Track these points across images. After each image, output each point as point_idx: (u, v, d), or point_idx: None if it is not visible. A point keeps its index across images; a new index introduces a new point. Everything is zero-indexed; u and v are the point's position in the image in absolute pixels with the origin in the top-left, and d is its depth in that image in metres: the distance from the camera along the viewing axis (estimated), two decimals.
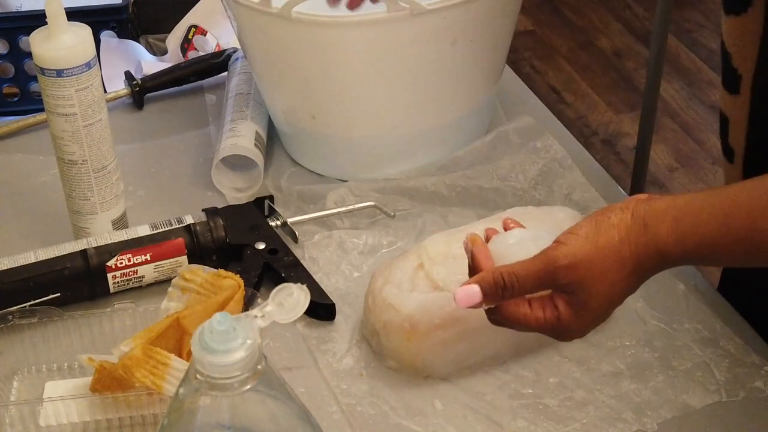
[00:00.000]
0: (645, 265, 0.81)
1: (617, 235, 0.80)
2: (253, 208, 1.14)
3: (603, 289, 0.81)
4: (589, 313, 0.82)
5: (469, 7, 1.10)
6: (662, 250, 0.80)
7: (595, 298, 0.81)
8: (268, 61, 1.18)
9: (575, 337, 0.85)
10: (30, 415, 0.91)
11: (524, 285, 0.82)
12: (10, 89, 1.46)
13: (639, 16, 3.37)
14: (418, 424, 0.94)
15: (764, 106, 0.98)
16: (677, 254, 0.80)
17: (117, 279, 1.05)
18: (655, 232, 0.80)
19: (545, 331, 0.84)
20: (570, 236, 0.81)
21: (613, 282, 0.81)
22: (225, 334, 0.68)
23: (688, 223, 0.79)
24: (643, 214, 0.81)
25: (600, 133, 2.91)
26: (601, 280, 0.81)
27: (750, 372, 0.98)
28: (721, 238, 0.79)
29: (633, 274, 0.81)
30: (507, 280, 0.82)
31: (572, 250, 0.80)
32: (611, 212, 0.82)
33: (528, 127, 1.25)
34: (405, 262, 0.99)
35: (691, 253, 0.80)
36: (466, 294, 0.83)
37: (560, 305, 0.82)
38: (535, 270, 0.82)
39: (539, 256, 0.82)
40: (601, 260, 0.80)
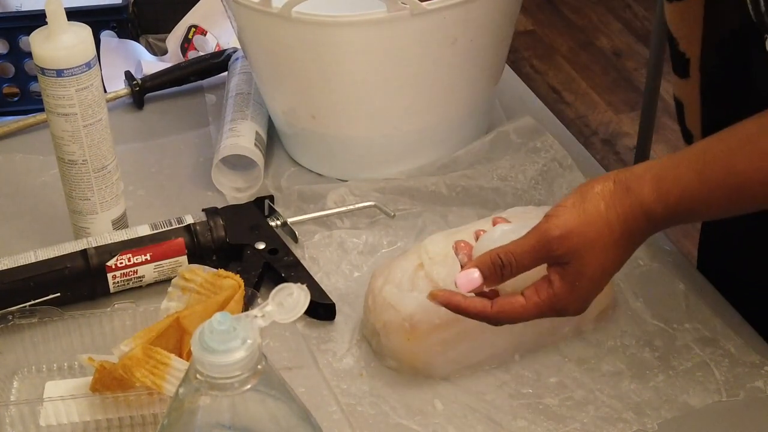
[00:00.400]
0: (633, 229, 0.82)
1: (603, 202, 0.82)
2: (253, 208, 1.14)
3: (596, 257, 0.82)
4: (584, 283, 0.83)
5: (469, 7, 1.10)
6: (647, 210, 0.81)
7: (588, 266, 0.82)
8: (268, 61, 1.18)
9: (576, 312, 0.86)
10: (30, 415, 0.91)
11: (521, 261, 0.83)
12: (10, 89, 1.46)
13: (639, 16, 3.36)
14: (418, 424, 0.94)
15: (714, 87, 0.99)
16: (662, 211, 0.81)
17: (117, 279, 1.05)
18: (638, 194, 0.81)
19: (545, 312, 0.84)
20: (558, 209, 0.83)
21: (605, 248, 0.82)
22: (225, 334, 0.68)
23: (668, 179, 0.81)
24: (625, 180, 0.82)
25: (600, 133, 2.91)
26: (594, 247, 0.82)
27: (750, 372, 0.98)
28: (701, 188, 0.80)
29: (622, 238, 0.82)
30: (504, 259, 0.83)
31: (562, 221, 0.82)
32: (595, 183, 0.83)
33: (528, 127, 1.25)
34: (405, 262, 0.99)
35: (675, 209, 0.81)
36: (466, 278, 0.84)
37: (555, 281, 0.83)
38: (530, 245, 0.83)
39: (532, 231, 0.83)
40: (591, 227, 0.82)
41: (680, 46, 0.99)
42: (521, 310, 0.84)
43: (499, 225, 0.90)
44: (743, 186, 0.80)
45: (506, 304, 0.84)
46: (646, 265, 1.09)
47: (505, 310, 0.84)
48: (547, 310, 0.84)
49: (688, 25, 0.98)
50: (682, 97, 1.03)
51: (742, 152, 0.79)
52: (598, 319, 1.02)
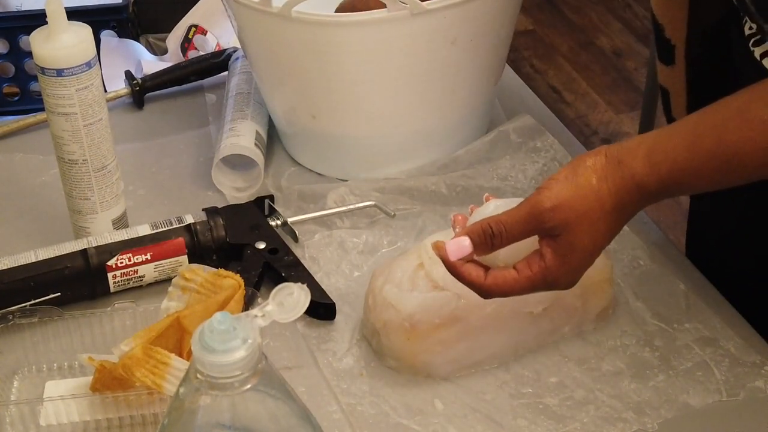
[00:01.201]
0: (624, 201, 0.83)
1: (594, 176, 0.82)
2: (254, 208, 1.14)
3: (587, 228, 0.82)
4: (576, 255, 0.83)
5: (469, 7, 1.10)
6: (639, 183, 0.82)
7: (579, 238, 0.83)
8: (268, 61, 1.18)
9: (567, 285, 0.86)
10: (30, 415, 0.91)
11: (512, 231, 0.84)
12: (11, 89, 1.46)
13: (639, 16, 3.37)
14: (418, 424, 0.94)
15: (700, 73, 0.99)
16: (653, 184, 0.82)
17: (117, 278, 1.05)
18: (630, 167, 0.82)
19: (537, 286, 0.85)
20: (550, 181, 0.83)
21: (596, 220, 0.82)
22: (225, 333, 0.68)
23: (659, 150, 0.82)
24: (617, 153, 0.83)
25: (600, 133, 2.91)
26: (585, 220, 0.82)
27: (750, 372, 0.98)
28: (692, 159, 0.81)
29: (614, 211, 0.83)
30: (495, 228, 0.84)
31: (554, 193, 0.82)
32: (587, 157, 0.84)
33: (528, 127, 1.25)
34: (405, 262, 0.99)
35: (667, 180, 0.81)
36: (457, 246, 0.84)
37: (547, 254, 0.83)
38: (521, 216, 0.83)
39: (524, 203, 0.84)
40: (582, 200, 0.82)
41: (666, 32, 0.99)
42: (513, 283, 0.85)
43: (492, 200, 0.91)
44: (734, 157, 0.80)
45: (499, 276, 0.85)
46: (646, 265, 1.09)
47: (498, 282, 0.85)
48: (540, 283, 0.85)
49: (673, 10, 0.98)
50: (667, 85, 1.03)
51: (732, 123, 0.80)
52: (598, 319, 1.02)
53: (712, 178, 0.83)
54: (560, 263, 0.84)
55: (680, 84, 1.01)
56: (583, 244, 0.83)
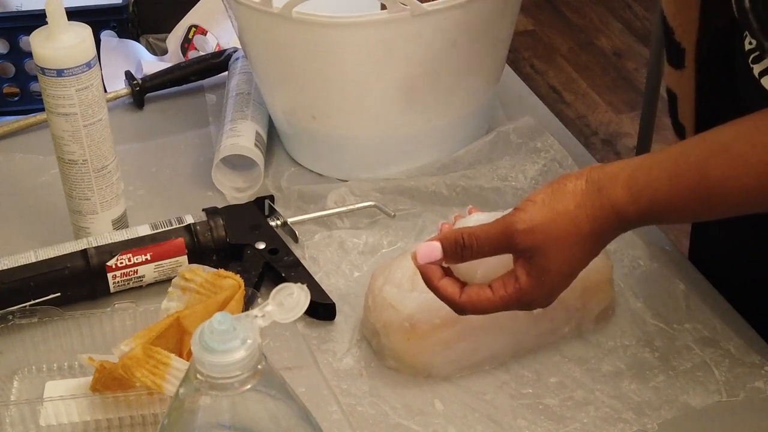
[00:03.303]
0: (603, 228, 0.82)
1: (573, 201, 0.82)
2: (254, 208, 1.14)
3: (561, 254, 0.82)
4: (550, 278, 0.83)
5: (469, 8, 1.10)
6: (618, 211, 0.81)
7: (553, 262, 0.82)
8: (268, 61, 1.18)
9: (540, 306, 0.86)
10: (30, 415, 0.91)
11: (483, 246, 0.83)
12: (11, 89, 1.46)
13: (639, 16, 3.37)
14: (418, 424, 0.94)
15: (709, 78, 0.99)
16: (633, 213, 0.81)
17: (117, 279, 1.06)
18: (610, 194, 0.81)
19: (511, 305, 0.85)
20: (528, 203, 0.83)
21: (571, 245, 0.82)
22: (225, 333, 0.68)
23: (640, 181, 0.81)
24: (597, 179, 0.82)
25: (600, 133, 2.91)
26: (559, 245, 0.82)
27: (750, 372, 0.98)
28: (674, 192, 0.80)
29: (591, 237, 0.82)
30: (467, 240, 0.84)
31: (529, 216, 0.82)
32: (567, 180, 0.83)
33: (528, 127, 1.25)
34: (405, 262, 0.99)
35: (646, 211, 0.81)
36: (427, 250, 0.85)
37: (521, 276, 0.83)
38: (494, 233, 0.83)
39: (499, 220, 0.84)
40: (558, 225, 0.82)
41: (676, 35, 0.98)
42: (487, 302, 0.85)
43: (475, 213, 0.91)
44: (714, 193, 0.79)
45: (474, 294, 0.85)
46: (646, 265, 1.09)
47: (472, 300, 0.85)
48: (514, 303, 0.85)
49: (684, 13, 0.97)
50: (675, 89, 1.03)
51: (715, 159, 0.79)
52: (598, 319, 1.02)
53: (692, 211, 0.83)
54: (534, 285, 0.83)
55: (689, 88, 1.00)
56: (558, 267, 0.83)
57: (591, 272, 0.99)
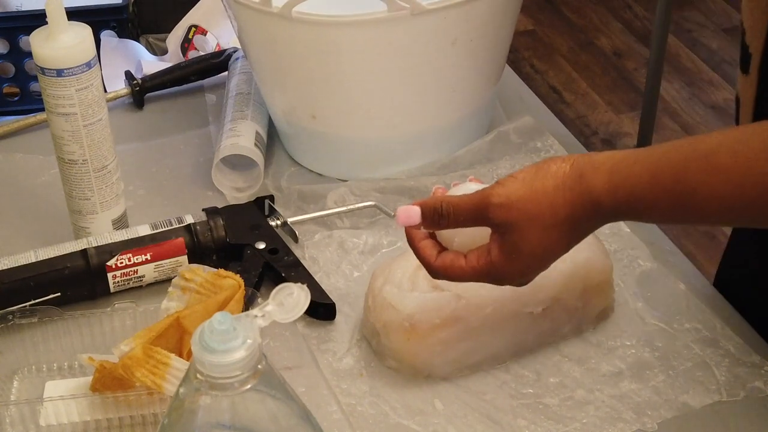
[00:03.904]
0: (578, 215, 0.82)
1: (552, 183, 0.81)
2: (254, 208, 1.14)
3: (534, 233, 0.82)
4: (522, 258, 0.83)
5: (469, 7, 1.10)
6: (595, 200, 0.81)
7: (526, 241, 0.82)
8: (268, 61, 1.18)
9: (513, 283, 0.86)
10: (30, 415, 0.91)
11: (458, 216, 0.84)
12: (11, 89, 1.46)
13: (639, 16, 3.36)
14: (418, 424, 0.94)
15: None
16: (609, 205, 0.81)
17: (117, 279, 1.05)
18: (590, 182, 0.81)
19: (482, 278, 0.84)
20: (508, 179, 0.83)
21: (545, 227, 0.82)
22: (225, 333, 0.68)
23: (621, 174, 0.81)
24: (581, 165, 0.82)
25: (600, 133, 2.91)
26: (533, 225, 0.81)
27: (750, 372, 0.98)
28: (650, 189, 0.80)
29: (567, 222, 0.82)
30: (444, 209, 0.84)
31: (506, 191, 0.82)
32: (552, 162, 0.83)
33: (528, 127, 1.25)
34: (405, 262, 0.99)
35: (623, 205, 0.81)
36: (406, 213, 0.85)
37: (493, 249, 0.83)
38: (471, 203, 0.84)
39: (477, 192, 0.84)
40: (534, 204, 0.81)
41: (746, 38, 0.97)
42: (459, 271, 0.85)
43: (473, 183, 0.91)
44: (690, 198, 0.79)
45: (448, 260, 0.85)
46: (646, 265, 1.09)
47: (446, 265, 0.85)
48: (485, 276, 0.84)
49: (754, 17, 0.95)
50: (740, 94, 1.00)
51: (694, 165, 0.79)
52: (598, 320, 1.02)
53: (667, 213, 0.82)
54: (505, 261, 0.83)
55: (750, 95, 0.98)
56: (531, 247, 0.82)
57: (591, 272, 0.99)
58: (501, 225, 0.82)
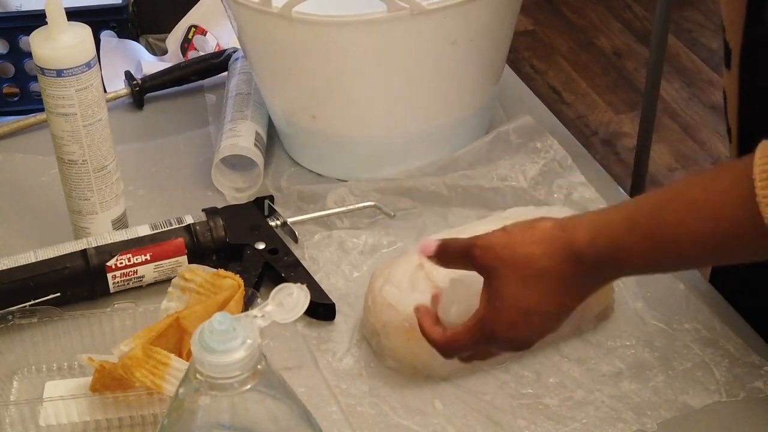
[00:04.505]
0: (560, 267, 0.83)
1: (532, 236, 0.84)
2: (253, 208, 1.14)
3: (513, 281, 0.83)
4: (505, 306, 0.84)
5: (469, 7, 1.10)
6: (577, 252, 0.82)
7: (506, 288, 0.84)
8: (268, 61, 1.18)
9: (506, 343, 0.87)
10: (30, 415, 0.91)
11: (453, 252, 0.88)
12: (10, 89, 1.46)
13: (639, 16, 3.36)
14: (418, 424, 0.94)
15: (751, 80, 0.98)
16: (590, 254, 0.82)
17: (117, 279, 1.05)
18: (571, 234, 0.83)
19: (475, 335, 0.87)
20: (499, 228, 0.87)
21: (523, 277, 0.83)
22: (225, 333, 0.68)
23: (600, 222, 0.83)
24: (564, 221, 0.84)
25: (600, 133, 2.91)
26: (510, 272, 0.84)
27: (750, 372, 0.98)
28: (629, 234, 0.81)
29: (548, 275, 0.83)
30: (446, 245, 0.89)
31: (491, 237, 0.86)
32: (541, 219, 0.86)
33: (528, 127, 1.25)
34: (405, 262, 0.99)
35: (605, 253, 0.81)
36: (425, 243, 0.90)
37: (481, 302, 0.86)
38: (461, 243, 0.88)
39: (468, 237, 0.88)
40: (510, 251, 0.84)
41: (726, 34, 0.98)
42: (459, 336, 0.88)
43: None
44: (668, 238, 0.80)
45: (450, 334, 0.89)
46: None
47: (448, 339, 0.89)
48: (478, 333, 0.86)
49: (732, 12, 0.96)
50: (726, 89, 1.02)
51: (671, 205, 0.80)
52: (598, 319, 1.02)
53: (649, 258, 0.82)
54: (491, 311, 0.85)
55: (733, 90, 0.99)
56: (512, 296, 0.84)
57: None
58: (482, 268, 0.85)
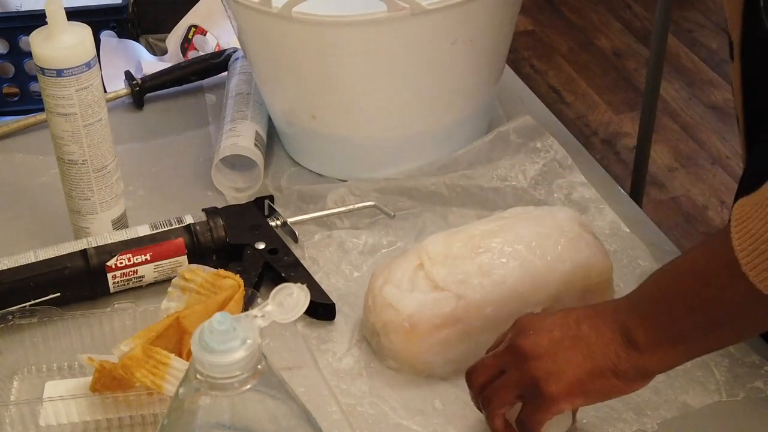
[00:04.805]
0: (598, 323, 0.85)
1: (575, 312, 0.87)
2: (253, 208, 1.14)
3: (543, 324, 0.86)
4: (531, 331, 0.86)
5: (469, 7, 1.10)
6: (614, 307, 0.85)
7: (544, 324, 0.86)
8: (268, 61, 1.18)
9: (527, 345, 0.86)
10: (30, 415, 0.91)
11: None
12: (10, 89, 1.46)
13: (639, 16, 3.36)
14: (418, 424, 0.94)
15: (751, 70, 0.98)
16: (624, 307, 0.85)
17: (117, 279, 1.05)
18: (608, 303, 0.88)
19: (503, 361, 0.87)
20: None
21: (552, 325, 0.86)
22: (225, 333, 0.68)
23: (635, 291, 0.88)
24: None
25: (600, 133, 2.91)
26: (541, 323, 0.87)
27: (750, 372, 0.98)
28: (669, 292, 0.84)
29: (576, 326, 0.85)
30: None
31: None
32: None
33: (528, 127, 1.25)
34: (405, 262, 0.99)
35: (649, 319, 0.83)
36: None
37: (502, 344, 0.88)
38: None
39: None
40: (546, 317, 0.87)
41: (729, 27, 0.98)
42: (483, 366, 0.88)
43: None
44: (714, 296, 0.81)
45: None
46: (646, 265, 1.09)
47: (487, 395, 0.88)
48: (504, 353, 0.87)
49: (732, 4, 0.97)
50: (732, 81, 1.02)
51: (667, 267, 0.86)
52: None
53: (691, 320, 0.83)
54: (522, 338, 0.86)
55: (737, 81, 1.00)
56: (547, 328, 0.86)
57: (591, 272, 0.99)
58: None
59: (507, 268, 0.96)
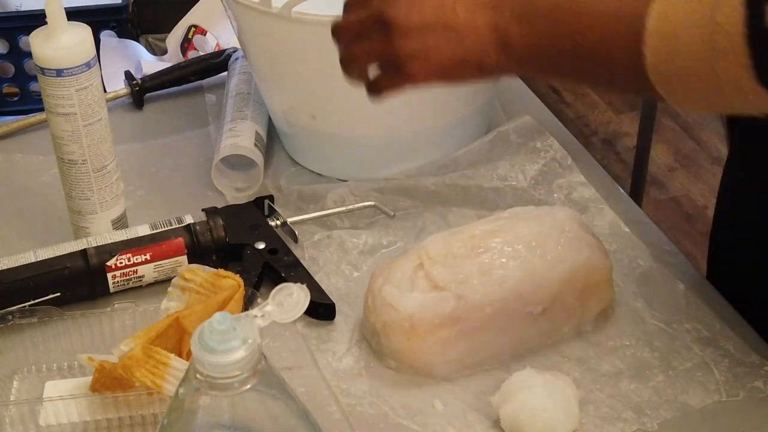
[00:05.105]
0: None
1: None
2: (253, 208, 1.14)
3: None
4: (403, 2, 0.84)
5: None
6: (498, 9, 0.82)
7: None
8: (268, 61, 1.18)
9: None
10: (30, 415, 0.91)
11: None
12: (10, 89, 1.46)
13: None
14: (418, 424, 0.94)
15: None
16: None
17: (117, 279, 1.06)
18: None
19: (366, 27, 0.86)
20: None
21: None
22: (225, 333, 0.68)
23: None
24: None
25: (600, 133, 2.91)
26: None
27: (750, 372, 0.98)
28: (564, 14, 0.80)
29: None
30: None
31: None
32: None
33: (528, 127, 1.25)
34: (405, 262, 0.99)
35: (532, 31, 0.80)
36: None
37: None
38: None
39: None
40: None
41: None
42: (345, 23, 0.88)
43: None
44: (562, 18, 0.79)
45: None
46: (646, 265, 1.09)
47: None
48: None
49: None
50: None
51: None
52: (598, 319, 1.02)
53: (552, 34, 0.81)
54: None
55: None
56: None
57: (591, 272, 0.99)
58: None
59: (507, 268, 0.97)
